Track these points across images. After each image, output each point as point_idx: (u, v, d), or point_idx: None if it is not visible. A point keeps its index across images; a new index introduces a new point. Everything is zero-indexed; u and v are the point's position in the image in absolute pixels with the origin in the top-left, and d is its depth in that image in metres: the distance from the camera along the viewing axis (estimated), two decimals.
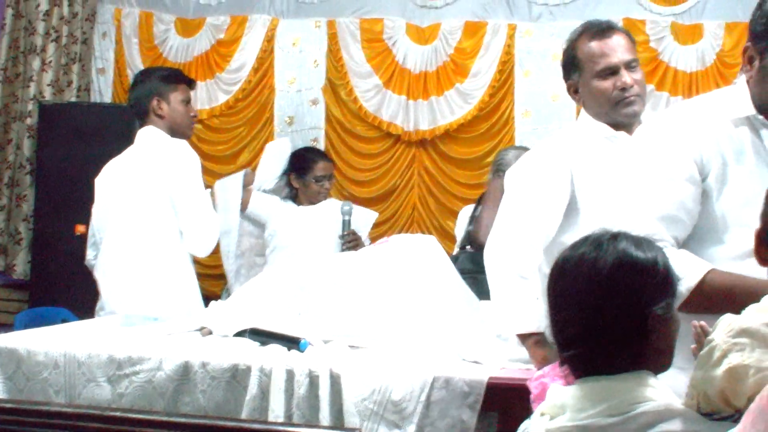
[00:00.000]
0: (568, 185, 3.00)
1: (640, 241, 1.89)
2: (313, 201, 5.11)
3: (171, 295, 3.94)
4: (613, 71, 3.02)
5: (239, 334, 3.20)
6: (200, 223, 4.07)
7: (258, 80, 6.74)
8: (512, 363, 2.92)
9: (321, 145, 6.57)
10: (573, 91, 3.16)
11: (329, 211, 5.05)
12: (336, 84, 6.68)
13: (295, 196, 5.18)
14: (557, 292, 1.92)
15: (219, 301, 3.74)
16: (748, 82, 2.37)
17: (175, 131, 4.29)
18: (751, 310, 1.82)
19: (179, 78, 4.43)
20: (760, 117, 2.34)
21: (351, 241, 4.76)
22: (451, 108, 6.52)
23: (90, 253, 4.44)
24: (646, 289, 1.83)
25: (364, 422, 2.73)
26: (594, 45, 3.05)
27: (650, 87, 6.23)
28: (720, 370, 1.76)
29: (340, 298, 3.30)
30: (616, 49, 3.04)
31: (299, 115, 6.74)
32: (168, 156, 4.11)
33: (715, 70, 6.16)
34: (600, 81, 3.04)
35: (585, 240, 1.91)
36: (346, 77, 6.63)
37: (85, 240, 6.19)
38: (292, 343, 3.04)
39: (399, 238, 3.68)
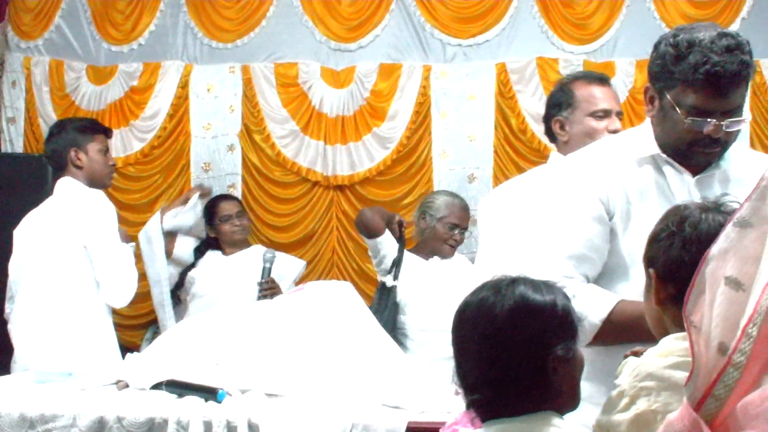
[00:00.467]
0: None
1: (538, 285, 1.92)
2: (232, 243, 5.10)
3: (86, 348, 3.91)
4: (606, 115, 3.28)
5: (156, 386, 3.17)
6: (116, 273, 4.07)
7: (173, 127, 6.70)
8: (434, 406, 2.93)
9: (238, 191, 6.54)
10: (559, 127, 3.37)
11: (252, 258, 5.05)
12: (252, 129, 6.67)
13: (219, 246, 5.18)
14: (459, 338, 1.95)
15: (135, 353, 3.71)
16: (651, 121, 2.46)
17: (93, 181, 4.31)
18: (650, 354, 1.89)
19: (96, 128, 4.45)
20: (663, 155, 2.42)
21: (268, 289, 4.76)
22: (370, 153, 6.55)
23: (7, 307, 4.41)
24: (545, 332, 1.86)
25: None
26: (594, 89, 3.35)
27: None
28: (627, 416, 1.83)
29: (257, 347, 3.29)
30: (613, 97, 3.40)
31: (216, 161, 6.70)
32: (83, 207, 4.11)
33: (627, 106, 6.26)
34: (594, 121, 3.28)
35: (484, 285, 1.95)
36: (263, 123, 6.62)
37: None
38: (209, 393, 3.02)
39: (314, 285, 3.71)
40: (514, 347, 1.85)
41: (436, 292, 4.91)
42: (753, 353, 1.51)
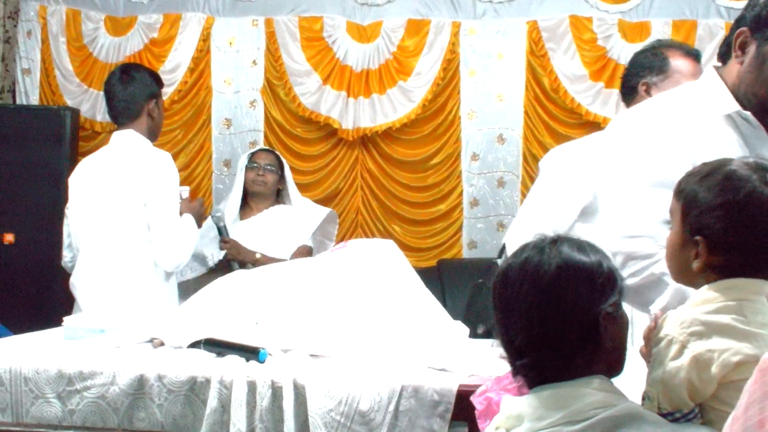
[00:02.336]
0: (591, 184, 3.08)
1: (582, 245, 1.91)
2: (253, 192, 5.03)
3: (132, 304, 3.92)
4: None
5: (193, 345, 3.13)
6: (170, 236, 4.07)
7: (194, 81, 6.67)
8: (482, 369, 2.90)
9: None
10: (645, 90, 3.35)
11: (279, 218, 4.99)
12: (275, 84, 6.63)
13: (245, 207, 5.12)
14: (502, 301, 1.93)
15: (170, 310, 3.67)
16: (741, 70, 2.36)
17: (155, 134, 4.33)
18: (688, 305, 1.91)
19: (161, 79, 4.48)
20: (743, 112, 2.35)
21: (226, 248, 4.76)
22: (394, 106, 6.51)
23: (66, 255, 4.45)
24: (593, 290, 1.85)
25: None
26: (690, 63, 3.37)
27: (599, 84, 6.29)
28: (683, 361, 1.82)
29: (299, 306, 3.25)
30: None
31: (237, 117, 6.68)
32: (150, 165, 4.13)
33: None
34: None
35: (526, 246, 1.93)
36: (285, 77, 6.57)
37: (13, 249, 6.11)
38: (250, 353, 2.98)
39: (357, 242, 3.64)
40: (563, 307, 1.83)
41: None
42: None
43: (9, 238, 6.14)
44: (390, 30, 6.52)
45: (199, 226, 4.39)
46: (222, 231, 4.78)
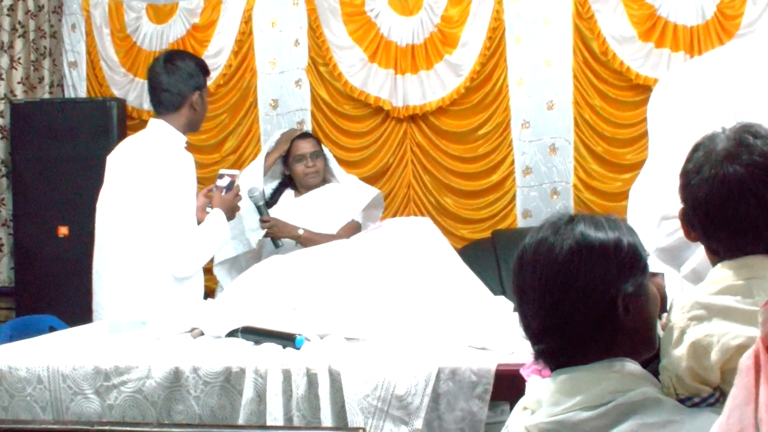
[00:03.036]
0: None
1: (600, 222, 1.83)
2: (307, 184, 4.98)
3: (162, 297, 3.87)
4: None
5: (232, 333, 3.13)
6: (178, 246, 3.93)
7: (238, 64, 6.67)
8: (523, 347, 2.85)
9: (308, 127, 6.51)
10: None
11: (324, 197, 4.94)
12: (319, 63, 6.61)
13: (294, 186, 5.07)
14: (519, 284, 1.87)
15: (209, 299, 3.68)
16: None
17: (195, 126, 4.23)
18: (699, 286, 1.86)
19: (207, 68, 4.35)
20: None
21: (266, 227, 4.69)
22: (442, 81, 6.44)
23: (97, 256, 4.33)
24: (609, 271, 1.78)
25: (369, 420, 2.67)
26: None
27: (649, 45, 6.16)
28: (683, 349, 1.76)
29: (335, 290, 3.24)
30: None
31: (283, 98, 6.67)
32: (170, 169, 3.97)
33: (716, 22, 6.07)
34: None
35: (543, 225, 1.87)
36: (329, 54, 6.54)
37: (68, 241, 6.18)
38: (287, 340, 2.98)
39: (392, 222, 3.62)
40: (577, 290, 1.77)
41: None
42: None
43: (63, 231, 6.21)
44: (432, 1, 6.44)
45: (231, 218, 4.26)
46: (261, 210, 4.70)
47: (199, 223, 4.06)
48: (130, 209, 4.01)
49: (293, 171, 4.94)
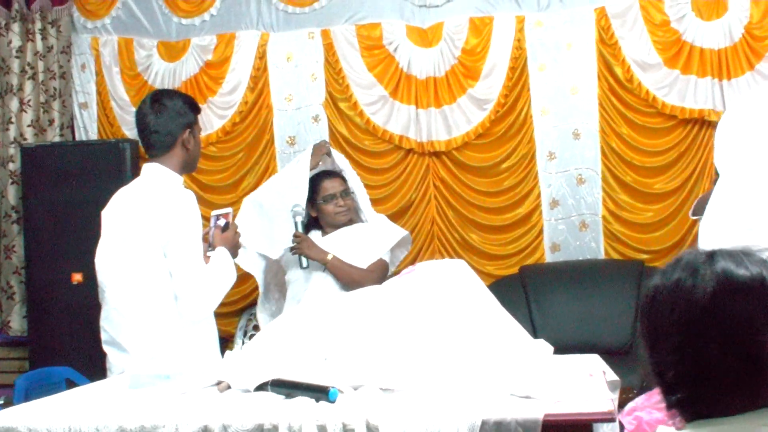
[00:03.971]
0: None
1: (740, 258, 1.73)
2: (336, 223, 4.91)
3: (182, 348, 3.77)
4: None
5: (261, 387, 3.03)
6: (192, 287, 3.84)
7: (254, 100, 6.63)
8: (570, 394, 2.75)
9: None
10: None
11: (357, 234, 4.87)
12: (337, 98, 6.56)
13: (320, 227, 5.01)
14: (651, 328, 1.77)
15: (234, 350, 3.59)
16: None
17: (188, 166, 4.12)
18: None
19: (197, 104, 4.25)
20: None
21: (296, 244, 4.66)
22: (466, 116, 6.40)
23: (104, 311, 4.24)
24: (757, 313, 1.67)
25: None
26: None
27: (675, 72, 6.09)
28: None
29: (368, 338, 3.15)
30: None
31: (301, 134, 6.63)
32: (171, 210, 3.88)
33: (744, 44, 6.00)
34: None
35: (676, 264, 1.76)
36: (348, 90, 6.49)
37: (82, 288, 6.09)
38: (319, 393, 2.87)
39: (425, 265, 3.52)
40: (723, 335, 1.66)
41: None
42: None
43: (77, 277, 6.14)
44: (452, 32, 6.40)
45: (235, 255, 4.19)
46: (297, 225, 4.75)
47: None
48: (135, 259, 3.92)
49: (322, 210, 4.91)
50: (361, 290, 3.71)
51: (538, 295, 6.15)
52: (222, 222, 4.15)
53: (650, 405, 2.29)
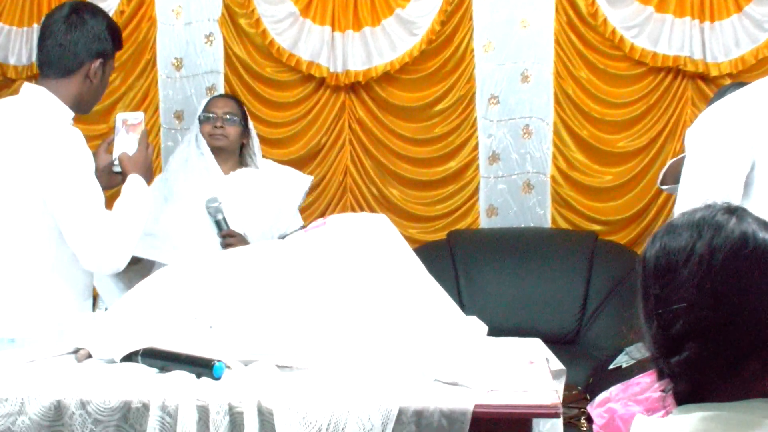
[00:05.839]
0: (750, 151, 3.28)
1: (763, 222, 1.86)
2: (214, 148, 4.86)
3: (32, 302, 3.71)
4: None
5: (129, 357, 3.02)
6: (96, 236, 3.78)
7: (132, 12, 6.56)
8: (506, 382, 2.78)
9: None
10: None
11: (243, 185, 4.83)
12: (236, 12, 6.52)
13: None
14: (660, 281, 1.87)
15: (98, 311, 3.55)
16: None
17: (83, 105, 4.00)
18: None
19: (121, 39, 4.15)
20: None
21: (229, 244, 4.57)
22: (391, 41, 6.39)
23: None
24: None
25: None
26: None
27: (649, 9, 6.18)
28: None
29: (265, 303, 3.14)
30: None
31: (190, 56, 6.59)
32: (51, 150, 3.78)
33: None
34: None
35: (688, 221, 1.90)
36: (250, 4, 6.44)
37: None
38: (202, 367, 2.88)
39: (339, 218, 3.51)
40: (746, 292, 1.78)
41: None
42: None
43: None
44: None
45: (149, 180, 4.12)
46: (221, 224, 4.66)
47: (105, 188, 3.90)
48: (7, 202, 3.83)
49: (202, 133, 4.85)
50: (259, 245, 3.70)
51: (469, 266, 6.19)
52: (132, 137, 4.07)
53: (626, 397, 2.34)
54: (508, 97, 6.41)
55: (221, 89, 6.44)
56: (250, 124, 5.03)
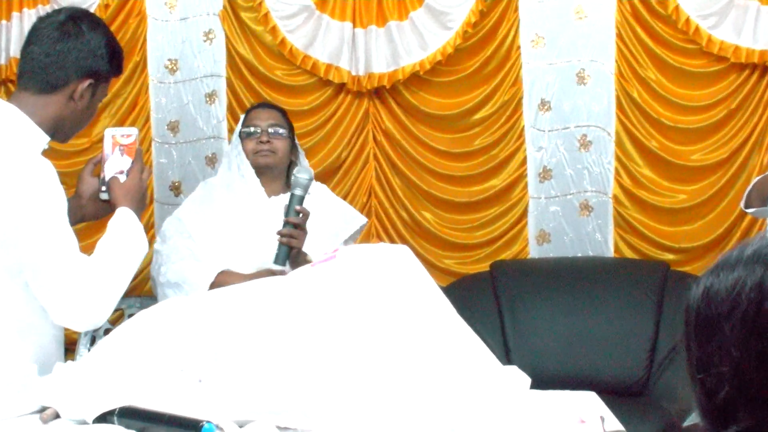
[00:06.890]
0: None
1: None
2: (259, 167, 4.87)
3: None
4: None
5: (103, 417, 3.03)
6: (70, 287, 3.75)
7: (120, 4, 6.61)
8: None
9: (221, 101, 6.49)
10: None
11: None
12: (240, 6, 6.57)
13: None
14: (701, 337, 1.85)
15: (69, 362, 3.55)
16: None
17: (63, 130, 3.97)
18: None
19: (121, 62, 4.13)
20: None
21: (287, 233, 4.54)
22: (422, 37, 6.43)
23: None
24: None
25: None
26: None
27: None
28: None
29: (264, 352, 3.15)
30: None
31: (186, 57, 6.66)
32: (17, 184, 3.75)
33: None
34: None
35: (739, 256, 1.85)
36: None
37: None
38: (189, 429, 2.88)
39: (352, 250, 3.51)
40: None
41: None
42: None
43: None
44: None
45: (142, 209, 4.08)
46: (293, 201, 4.62)
47: (91, 218, 3.90)
48: None
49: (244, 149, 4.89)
50: (257, 282, 3.70)
51: (516, 303, 6.20)
52: (125, 159, 4.05)
53: None
54: (561, 103, 6.45)
55: (223, 96, 6.50)
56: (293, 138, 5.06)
